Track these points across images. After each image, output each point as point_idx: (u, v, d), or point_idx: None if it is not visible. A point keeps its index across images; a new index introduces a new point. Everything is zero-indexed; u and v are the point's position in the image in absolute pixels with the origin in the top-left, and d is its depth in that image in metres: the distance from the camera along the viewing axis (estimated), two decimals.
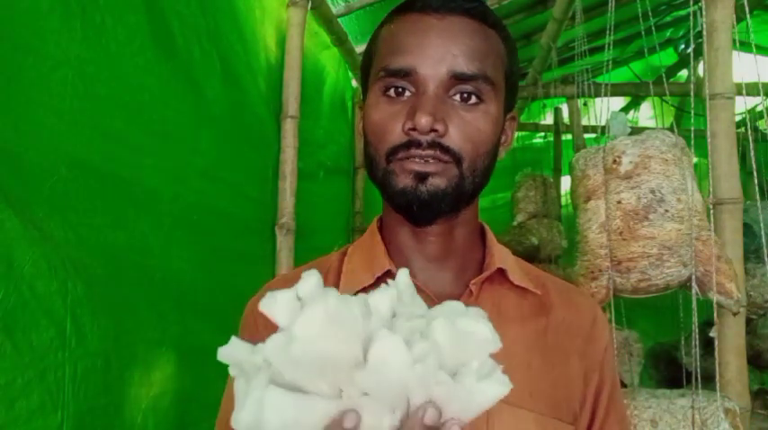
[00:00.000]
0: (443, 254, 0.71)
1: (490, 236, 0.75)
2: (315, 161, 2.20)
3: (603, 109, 1.61)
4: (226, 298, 1.42)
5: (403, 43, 0.66)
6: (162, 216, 1.21)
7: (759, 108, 2.89)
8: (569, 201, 1.71)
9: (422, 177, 0.64)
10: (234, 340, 0.46)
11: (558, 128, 3.52)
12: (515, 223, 3.05)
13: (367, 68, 0.72)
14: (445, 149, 0.64)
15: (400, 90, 0.66)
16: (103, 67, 1.03)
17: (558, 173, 3.51)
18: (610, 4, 1.55)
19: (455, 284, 0.71)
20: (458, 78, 0.64)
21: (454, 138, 0.64)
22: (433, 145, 0.63)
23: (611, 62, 1.77)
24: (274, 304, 0.44)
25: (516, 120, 0.76)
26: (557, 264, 3.01)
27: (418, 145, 0.63)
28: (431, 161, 0.64)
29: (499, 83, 0.68)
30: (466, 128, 0.65)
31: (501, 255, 0.73)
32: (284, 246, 1.72)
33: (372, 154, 0.67)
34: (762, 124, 3.19)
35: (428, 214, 0.67)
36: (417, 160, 0.64)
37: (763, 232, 1.61)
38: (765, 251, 1.31)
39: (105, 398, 1.01)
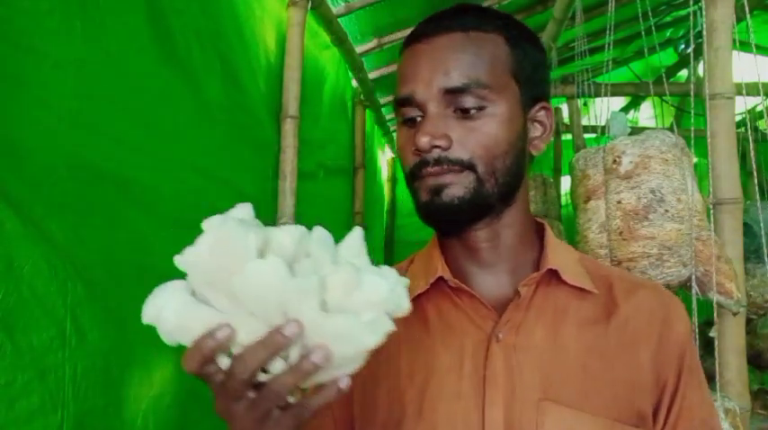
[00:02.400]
0: (493, 258, 0.73)
1: (548, 233, 0.75)
2: (315, 161, 2.20)
3: (603, 109, 1.61)
4: None
5: (403, 74, 0.71)
6: (162, 216, 1.21)
7: (759, 108, 2.89)
8: (569, 201, 1.71)
9: (437, 191, 0.67)
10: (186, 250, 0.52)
11: (558, 128, 3.52)
12: None
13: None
14: (453, 162, 0.67)
15: (413, 116, 0.70)
16: (103, 67, 1.03)
17: (558, 173, 3.52)
18: (610, 4, 1.55)
19: (507, 287, 0.72)
20: (451, 92, 0.67)
21: (460, 149, 0.67)
22: (440, 161, 0.67)
23: (611, 62, 1.77)
24: (210, 221, 0.52)
25: (549, 110, 0.75)
26: None
27: (426, 164, 0.67)
28: (444, 175, 0.67)
29: (502, 83, 0.69)
30: (473, 136, 0.67)
31: (556, 254, 0.73)
32: None
33: (405, 176, 0.73)
34: (762, 124, 3.19)
35: (450, 224, 0.71)
36: (432, 176, 0.68)
37: (763, 232, 1.61)
38: (765, 251, 1.31)
39: (105, 398, 1.01)
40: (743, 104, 1.60)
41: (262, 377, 0.50)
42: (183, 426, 1.25)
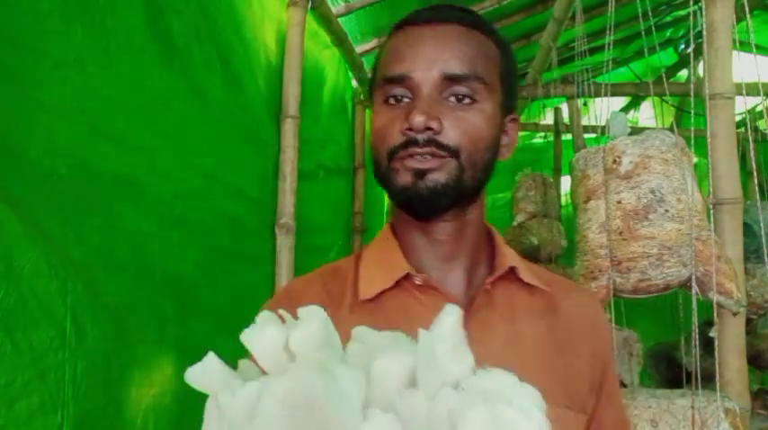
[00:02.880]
0: (455, 253, 0.74)
1: (498, 236, 0.79)
2: (315, 161, 2.20)
3: (603, 109, 1.61)
4: (226, 298, 1.43)
5: (399, 53, 0.71)
6: (162, 216, 1.21)
7: (759, 108, 2.89)
8: (569, 201, 1.71)
9: (421, 174, 0.67)
10: (209, 359, 0.40)
11: (557, 128, 3.52)
12: (515, 223, 3.05)
13: (372, 83, 0.77)
14: (441, 146, 0.67)
15: (399, 97, 0.70)
16: (103, 67, 1.03)
17: (558, 173, 3.51)
18: (610, 4, 1.54)
19: (469, 283, 0.74)
20: (450, 79, 0.68)
21: (450, 135, 0.67)
22: (430, 142, 0.67)
23: (611, 62, 1.77)
24: (260, 340, 0.38)
25: (518, 122, 0.79)
26: (557, 264, 3.01)
27: (415, 143, 0.67)
28: (429, 158, 0.67)
29: (493, 83, 0.71)
30: (462, 124, 0.68)
31: (511, 254, 0.76)
32: (284, 246, 1.72)
33: (376, 156, 0.72)
34: (762, 124, 3.19)
35: (429, 209, 0.70)
36: (416, 158, 0.67)
37: (763, 232, 1.61)
38: (765, 251, 1.31)
39: (105, 398, 1.01)
40: (743, 104, 1.60)
41: None
42: (182, 426, 1.25)
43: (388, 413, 0.35)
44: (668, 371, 2.47)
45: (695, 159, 1.40)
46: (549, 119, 3.79)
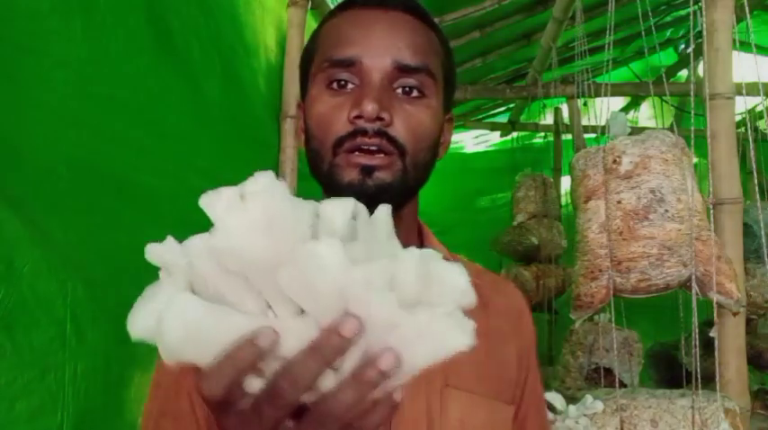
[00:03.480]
0: None
1: (427, 232, 0.77)
2: None
3: (603, 109, 1.61)
4: None
5: (347, 35, 0.66)
6: (162, 216, 1.21)
7: (759, 108, 2.89)
8: (569, 201, 1.71)
9: (368, 171, 0.63)
10: (169, 239, 0.41)
11: (558, 128, 3.52)
12: (515, 223, 3.05)
13: (306, 66, 0.72)
14: (390, 139, 0.64)
15: (343, 83, 0.65)
16: (103, 67, 1.03)
17: (558, 173, 3.51)
18: (610, 4, 1.54)
19: None
20: (402, 70, 0.65)
21: (399, 129, 0.64)
22: (380, 133, 0.63)
23: (611, 62, 1.77)
24: (217, 199, 0.39)
25: (453, 122, 0.77)
26: (557, 263, 3.01)
27: (364, 133, 0.63)
28: (376, 154, 0.64)
29: (440, 80, 0.69)
30: (410, 120, 0.65)
31: (439, 249, 0.75)
32: None
33: (317, 147, 0.67)
34: (762, 124, 3.19)
35: (374, 208, 0.67)
36: (363, 154, 0.63)
37: (763, 232, 1.61)
38: (765, 251, 1.32)
39: (105, 398, 1.01)
40: (743, 104, 1.60)
41: (307, 398, 0.38)
42: None
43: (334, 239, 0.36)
44: (668, 371, 2.47)
45: (695, 159, 1.40)
46: (549, 119, 3.79)
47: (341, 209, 0.40)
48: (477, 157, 4.44)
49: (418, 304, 0.38)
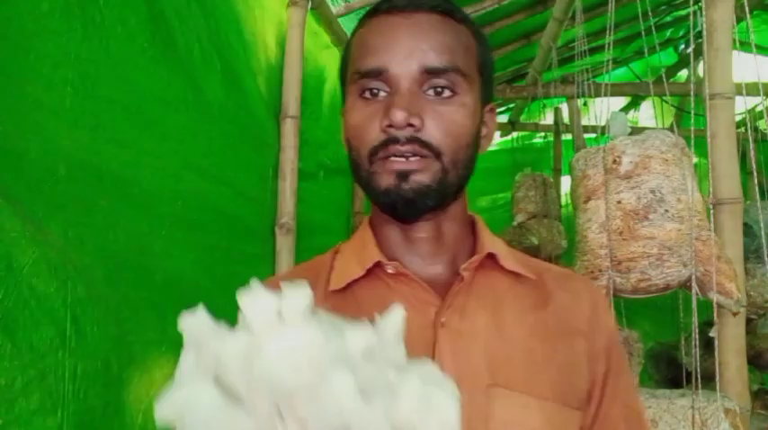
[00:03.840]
0: (433, 250, 0.71)
1: (481, 225, 0.75)
2: (315, 161, 2.20)
3: (603, 109, 1.61)
4: (226, 298, 1.42)
5: (373, 45, 0.67)
6: (162, 216, 1.21)
7: (759, 108, 2.89)
8: (569, 201, 1.71)
9: (404, 176, 0.64)
10: (202, 314, 0.44)
11: (558, 128, 3.52)
12: (515, 223, 3.05)
13: (343, 76, 0.73)
14: (424, 144, 0.64)
15: (375, 91, 0.66)
16: (103, 67, 1.03)
17: (558, 173, 3.52)
18: (610, 4, 1.55)
19: (445, 273, 0.71)
20: (429, 73, 0.65)
21: (432, 132, 0.64)
22: (412, 140, 0.64)
23: (611, 62, 1.77)
24: (254, 304, 0.42)
25: (495, 113, 0.76)
26: (557, 264, 3.01)
27: (396, 141, 0.64)
28: (411, 158, 0.64)
29: (472, 75, 0.69)
30: (442, 121, 0.65)
31: (492, 242, 0.73)
32: (284, 246, 1.72)
33: (355, 157, 0.68)
34: (762, 124, 3.19)
35: (413, 211, 0.67)
36: (398, 158, 0.64)
37: (763, 232, 1.61)
38: (765, 251, 1.32)
39: (105, 398, 1.00)
40: (743, 104, 1.60)
41: None
42: None
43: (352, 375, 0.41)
44: (668, 371, 2.47)
45: (695, 159, 1.40)
46: (549, 119, 3.79)
47: (362, 337, 0.43)
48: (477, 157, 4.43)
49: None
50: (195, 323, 0.43)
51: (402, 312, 0.47)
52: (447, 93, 0.66)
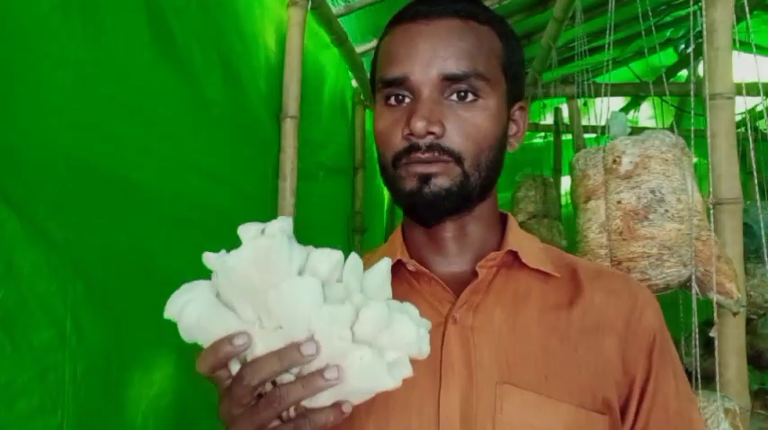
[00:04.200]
0: (457, 249, 0.73)
1: (511, 223, 0.76)
2: (315, 161, 2.20)
3: (603, 109, 1.61)
4: None
5: (395, 53, 0.69)
6: (162, 216, 1.21)
7: (759, 108, 2.89)
8: (569, 201, 1.71)
9: (425, 179, 0.66)
10: (222, 252, 0.52)
11: (558, 128, 3.52)
12: None
13: (372, 83, 0.75)
14: (444, 150, 0.66)
15: (400, 98, 0.68)
16: (103, 67, 1.03)
17: (558, 173, 3.51)
18: (610, 4, 1.55)
19: (468, 272, 0.72)
20: (449, 79, 0.67)
21: (453, 139, 0.66)
22: (432, 147, 0.65)
23: (611, 62, 1.77)
24: (246, 230, 0.51)
25: (526, 110, 0.76)
26: None
27: (417, 149, 0.66)
28: (433, 162, 0.66)
29: (495, 77, 0.69)
30: (464, 126, 0.66)
31: (517, 239, 0.73)
32: None
33: (382, 161, 0.71)
34: (762, 124, 3.19)
35: (434, 214, 0.69)
36: (420, 163, 0.66)
37: (763, 232, 1.61)
38: (765, 251, 1.32)
39: (105, 398, 1.01)
40: (743, 104, 1.60)
41: (269, 388, 0.51)
42: (182, 426, 1.25)
43: (315, 278, 0.48)
44: None
45: (695, 159, 1.40)
46: (549, 119, 3.79)
47: (327, 257, 0.51)
48: None
49: (372, 344, 0.49)
50: (211, 257, 0.52)
51: (388, 261, 0.54)
52: (470, 97, 0.67)
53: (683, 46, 3.91)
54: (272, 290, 0.48)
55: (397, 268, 0.71)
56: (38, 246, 0.87)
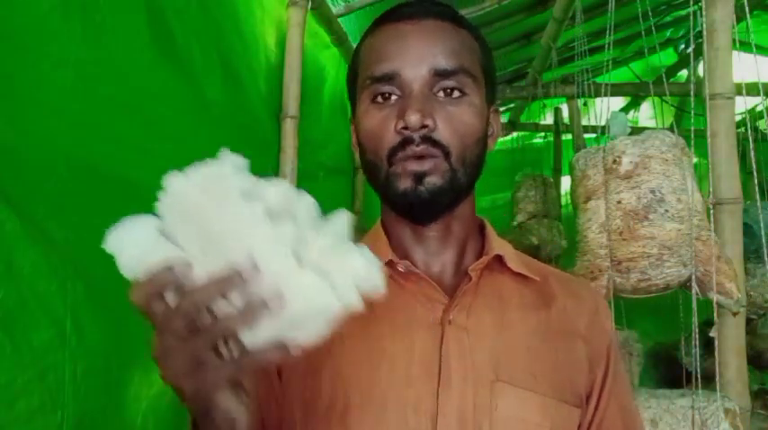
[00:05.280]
0: (442, 248, 0.74)
1: (489, 229, 0.78)
2: (315, 161, 2.20)
3: (603, 109, 1.61)
4: None
5: (384, 51, 0.70)
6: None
7: (759, 108, 2.89)
8: (569, 201, 1.71)
9: (419, 178, 0.67)
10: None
11: (558, 128, 3.52)
12: (515, 223, 3.05)
13: (352, 84, 0.77)
14: (435, 143, 0.67)
15: (387, 95, 0.70)
16: (103, 67, 1.03)
17: (558, 173, 3.52)
18: (610, 4, 1.55)
19: (453, 273, 0.74)
20: (439, 75, 0.69)
21: (443, 132, 0.68)
22: (425, 140, 0.67)
23: (611, 62, 1.77)
24: (204, 163, 0.51)
25: (500, 114, 0.80)
26: (557, 264, 3.01)
27: (411, 142, 0.67)
28: (426, 160, 0.67)
29: (479, 76, 0.72)
30: (453, 121, 0.68)
31: (499, 244, 0.76)
32: None
33: (373, 159, 0.71)
34: (762, 124, 3.19)
35: (429, 212, 0.71)
36: (414, 160, 0.67)
37: (763, 232, 1.61)
38: (765, 251, 1.32)
39: (105, 398, 1.01)
40: (743, 104, 1.60)
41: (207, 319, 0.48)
42: (182, 426, 1.25)
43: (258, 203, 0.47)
44: (668, 371, 2.48)
45: (695, 159, 1.40)
46: (549, 119, 3.79)
47: (276, 186, 0.49)
48: None
49: (318, 270, 0.47)
50: (175, 183, 0.50)
51: (348, 214, 0.52)
52: (456, 93, 0.69)
53: (683, 46, 3.91)
54: (214, 212, 0.46)
55: (386, 268, 0.71)
56: (38, 246, 0.87)
